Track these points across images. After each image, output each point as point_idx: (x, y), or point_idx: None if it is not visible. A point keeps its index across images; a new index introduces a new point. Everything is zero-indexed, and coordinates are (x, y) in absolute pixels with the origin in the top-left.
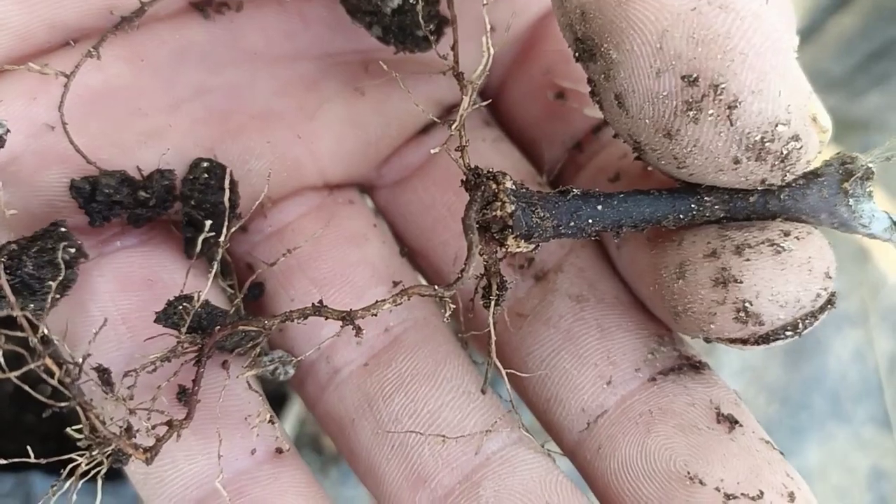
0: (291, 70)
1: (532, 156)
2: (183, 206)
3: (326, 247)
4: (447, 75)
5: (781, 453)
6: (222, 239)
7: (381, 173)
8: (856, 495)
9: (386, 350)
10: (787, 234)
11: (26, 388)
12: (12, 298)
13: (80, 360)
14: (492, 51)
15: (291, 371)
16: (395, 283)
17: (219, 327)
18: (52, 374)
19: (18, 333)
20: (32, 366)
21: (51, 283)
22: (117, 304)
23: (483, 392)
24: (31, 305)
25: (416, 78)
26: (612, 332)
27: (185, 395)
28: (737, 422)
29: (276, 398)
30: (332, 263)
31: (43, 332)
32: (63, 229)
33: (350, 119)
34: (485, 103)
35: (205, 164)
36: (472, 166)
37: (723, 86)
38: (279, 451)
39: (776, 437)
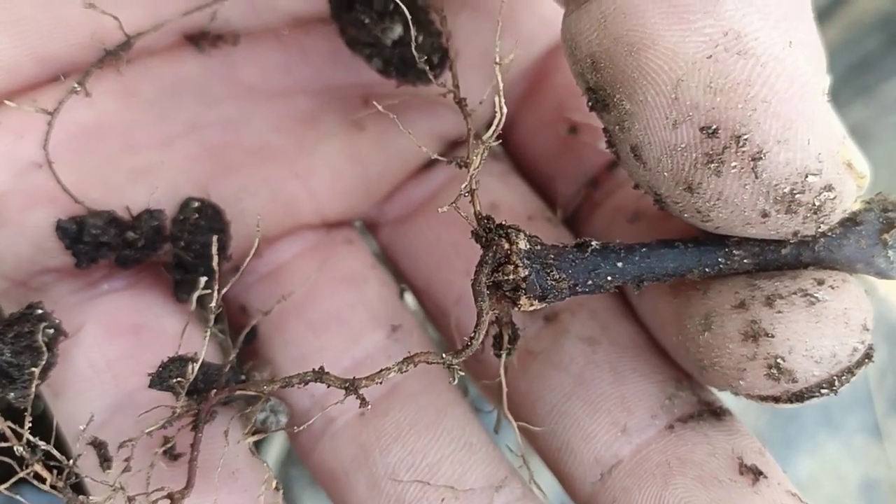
0: (289, 105)
1: (542, 190)
2: (172, 247)
3: (323, 288)
4: (452, 111)
5: None
6: (216, 295)
7: (384, 210)
8: None
9: (383, 399)
10: (820, 283)
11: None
12: None
13: (71, 462)
14: (504, 109)
15: (284, 420)
16: (395, 327)
17: (215, 391)
18: (43, 481)
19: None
20: (22, 474)
21: (30, 369)
22: (103, 351)
23: (496, 431)
24: (11, 395)
25: (419, 112)
26: (626, 376)
27: (173, 451)
28: (761, 473)
29: None
30: (328, 305)
31: (27, 438)
32: (40, 311)
33: (350, 155)
34: (495, 143)
35: (195, 204)
36: (484, 217)
37: (745, 136)
38: None
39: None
